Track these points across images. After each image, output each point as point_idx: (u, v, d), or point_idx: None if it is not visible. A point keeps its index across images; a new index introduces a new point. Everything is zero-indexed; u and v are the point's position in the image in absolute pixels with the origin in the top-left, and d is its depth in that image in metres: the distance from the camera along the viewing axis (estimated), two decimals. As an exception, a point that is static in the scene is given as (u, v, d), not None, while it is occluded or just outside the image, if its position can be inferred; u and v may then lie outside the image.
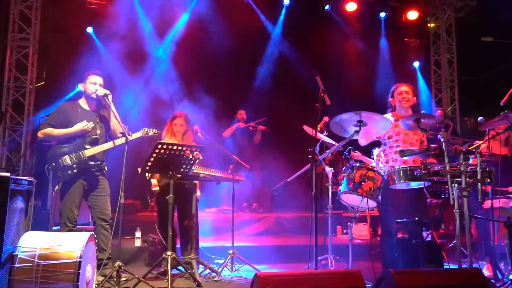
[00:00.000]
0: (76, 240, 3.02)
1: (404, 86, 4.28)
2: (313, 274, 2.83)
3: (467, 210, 3.50)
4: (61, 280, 2.82)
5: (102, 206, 4.39)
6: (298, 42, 9.01)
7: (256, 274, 2.63)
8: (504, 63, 18.19)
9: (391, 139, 4.25)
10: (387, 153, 4.27)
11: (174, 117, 4.93)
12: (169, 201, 4.09)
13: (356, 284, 2.69)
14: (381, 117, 3.72)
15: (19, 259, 2.83)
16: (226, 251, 5.51)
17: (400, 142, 4.20)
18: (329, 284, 2.65)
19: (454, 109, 10.23)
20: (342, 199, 4.05)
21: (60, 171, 4.19)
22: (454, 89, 10.29)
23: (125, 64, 7.84)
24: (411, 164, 4.00)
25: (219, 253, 5.46)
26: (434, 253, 3.72)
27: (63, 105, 4.46)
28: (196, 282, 4.11)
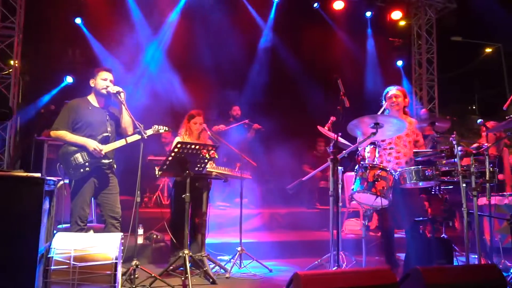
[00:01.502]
0: (110, 241, 3.02)
1: (395, 90, 4.41)
2: (349, 272, 2.95)
3: (476, 209, 3.71)
4: (98, 282, 2.82)
5: (113, 204, 4.36)
6: (288, 39, 9.11)
7: (297, 273, 2.72)
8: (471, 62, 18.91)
9: (384, 142, 4.39)
10: (381, 154, 4.42)
11: (192, 116, 4.93)
12: (186, 200, 4.11)
13: (389, 281, 2.83)
14: (397, 119, 3.86)
15: (55, 261, 2.80)
16: (228, 247, 5.60)
17: (393, 145, 4.34)
18: (364, 282, 2.77)
19: (434, 107, 10.62)
20: (354, 198, 4.18)
21: (72, 169, 4.12)
22: (434, 88, 10.68)
23: (117, 57, 7.71)
24: (403, 166, 4.20)
25: (220, 249, 5.52)
26: (445, 249, 3.92)
27: (73, 103, 4.36)
28: (211, 279, 4.17)
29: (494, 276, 3.05)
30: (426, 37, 10.72)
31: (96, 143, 4.16)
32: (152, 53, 8.00)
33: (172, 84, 7.81)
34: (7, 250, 2.62)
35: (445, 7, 10.72)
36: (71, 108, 4.29)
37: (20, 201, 2.69)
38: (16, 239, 2.64)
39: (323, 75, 9.06)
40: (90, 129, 4.26)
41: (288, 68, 8.94)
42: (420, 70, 10.74)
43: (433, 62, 10.71)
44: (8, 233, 2.63)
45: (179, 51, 8.08)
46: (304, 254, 5.82)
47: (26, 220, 2.68)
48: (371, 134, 3.82)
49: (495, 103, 22.02)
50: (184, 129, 4.98)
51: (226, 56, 8.22)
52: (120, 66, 7.60)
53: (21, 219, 2.67)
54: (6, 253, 2.61)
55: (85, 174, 4.17)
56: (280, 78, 8.86)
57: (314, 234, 6.89)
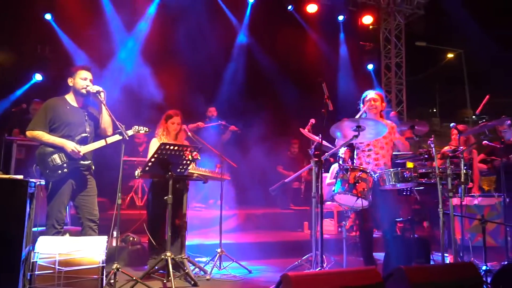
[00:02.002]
0: (95, 245, 2.95)
1: (373, 94, 4.52)
2: (337, 273, 3.01)
3: (452, 209, 3.86)
4: (85, 286, 2.75)
5: (91, 206, 4.25)
6: (263, 40, 9.16)
7: (286, 275, 2.75)
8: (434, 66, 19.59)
9: (362, 144, 4.49)
10: (360, 156, 4.52)
11: (170, 116, 4.86)
12: (168, 202, 4.08)
13: (375, 280, 2.90)
14: (378, 122, 3.96)
15: (39, 266, 2.72)
16: (205, 249, 5.58)
17: (371, 147, 4.44)
18: (353, 282, 2.84)
19: (402, 110, 10.93)
20: (335, 199, 4.25)
21: (50, 170, 3.99)
22: (402, 91, 11.01)
23: (90, 54, 7.54)
24: (381, 167, 4.32)
25: (197, 250, 5.48)
26: (423, 248, 4.06)
27: (50, 102, 4.21)
28: (192, 281, 4.14)
29: (472, 273, 3.19)
30: (395, 41, 11.03)
31: (74, 144, 4.05)
32: (126, 50, 7.84)
33: (147, 83, 7.69)
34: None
35: (413, 13, 11.07)
36: (49, 108, 4.15)
37: (3, 203, 2.59)
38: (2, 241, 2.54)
39: (298, 77, 9.21)
40: (68, 130, 4.14)
41: (263, 69, 9.00)
42: (389, 74, 11.04)
43: (401, 66, 11.03)
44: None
45: (154, 49, 7.98)
46: (281, 255, 5.87)
47: (10, 222, 2.59)
48: (353, 136, 3.90)
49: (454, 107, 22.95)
50: (162, 130, 4.91)
51: (201, 56, 8.19)
52: (92, 63, 7.42)
53: (4, 222, 2.58)
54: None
55: (63, 176, 4.05)
56: (255, 79, 8.90)
57: (290, 234, 6.96)
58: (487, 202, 5.10)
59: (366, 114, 4.55)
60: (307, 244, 6.25)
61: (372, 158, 4.34)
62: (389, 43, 11.08)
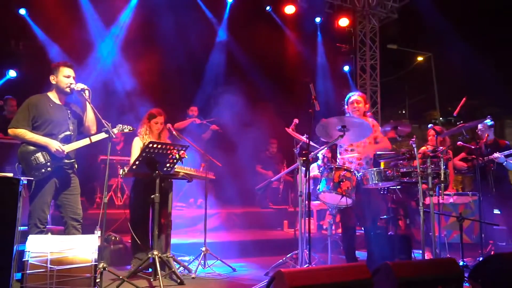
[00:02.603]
0: (87, 243, 2.93)
1: (356, 96, 4.66)
2: (328, 269, 3.08)
3: (433, 208, 4.01)
4: (77, 285, 2.73)
5: (74, 205, 4.19)
6: (242, 40, 9.20)
7: (280, 271, 2.81)
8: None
9: (345, 143, 4.61)
10: (344, 155, 4.64)
11: (153, 115, 4.82)
12: (155, 200, 4.07)
13: (364, 276, 3.00)
14: (362, 122, 4.07)
15: (30, 265, 2.68)
16: (187, 247, 5.58)
17: (354, 147, 4.56)
18: (343, 277, 2.92)
19: (377, 111, 11.20)
20: (320, 197, 4.34)
21: (33, 169, 3.91)
22: (377, 93, 11.27)
23: (66, 50, 7.39)
24: (364, 166, 4.45)
25: (179, 249, 5.47)
26: (405, 245, 4.20)
27: (33, 99, 4.12)
28: (178, 279, 4.15)
29: (454, 269, 3.33)
30: (370, 44, 11.28)
31: (59, 144, 3.98)
32: (105, 47, 7.72)
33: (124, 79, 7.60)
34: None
35: (387, 16, 11.36)
36: (31, 105, 4.06)
37: (1, 201, 2.55)
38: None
39: (276, 77, 9.29)
40: (51, 128, 4.07)
41: (243, 69, 9.04)
42: (364, 76, 11.28)
43: (376, 68, 11.29)
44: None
45: (132, 45, 7.89)
46: (263, 253, 5.92)
47: (1, 221, 2.54)
48: (339, 136, 4.00)
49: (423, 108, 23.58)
50: (144, 129, 4.87)
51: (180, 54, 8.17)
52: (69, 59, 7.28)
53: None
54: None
55: (46, 175, 3.98)
56: (234, 78, 8.91)
57: (270, 233, 7.03)
58: (461, 201, 5.32)
59: (349, 115, 4.66)
60: (288, 242, 6.37)
61: (355, 158, 4.45)
62: (364, 45, 11.31)
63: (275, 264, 4.77)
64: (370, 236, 4.23)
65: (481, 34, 13.46)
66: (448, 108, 21.80)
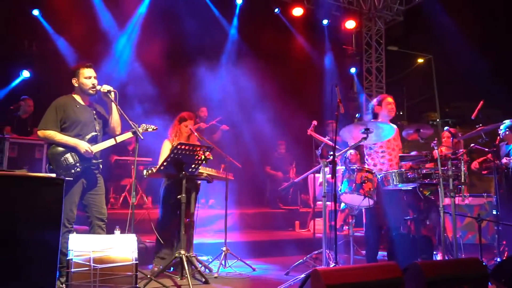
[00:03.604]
0: (127, 242, 3.00)
1: (391, 98, 4.76)
2: (360, 268, 3.17)
3: (454, 209, 4.10)
4: (120, 283, 2.79)
5: (100, 205, 4.25)
6: (251, 41, 9.27)
7: (316, 270, 2.89)
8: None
9: (376, 145, 4.71)
10: (374, 157, 4.73)
11: (183, 118, 4.88)
12: (182, 201, 4.14)
13: (395, 275, 3.08)
14: (386, 124, 4.15)
15: (74, 263, 2.74)
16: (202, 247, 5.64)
17: (384, 148, 4.68)
18: (376, 276, 3.00)
19: (382, 113, 11.29)
20: (341, 198, 4.42)
21: (63, 170, 3.96)
22: (382, 95, 11.36)
23: (79, 51, 7.44)
24: (395, 167, 4.54)
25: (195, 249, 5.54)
26: (427, 245, 4.29)
27: (60, 101, 4.16)
28: (203, 279, 4.21)
29: (479, 269, 3.42)
30: (375, 46, 11.38)
31: (88, 145, 4.04)
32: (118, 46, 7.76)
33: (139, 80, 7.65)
34: (31, 252, 2.53)
35: (393, 19, 11.46)
36: (59, 107, 4.11)
37: (43, 202, 2.61)
38: (39, 240, 2.56)
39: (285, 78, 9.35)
40: (79, 129, 4.13)
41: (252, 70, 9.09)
42: (370, 77, 11.38)
43: (381, 70, 11.40)
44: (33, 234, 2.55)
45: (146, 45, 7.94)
46: (278, 253, 6.02)
47: (48, 222, 2.61)
48: (362, 139, 4.09)
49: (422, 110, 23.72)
50: (174, 131, 4.93)
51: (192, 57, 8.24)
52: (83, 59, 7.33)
53: (44, 221, 2.60)
54: (30, 255, 2.53)
55: (75, 175, 4.03)
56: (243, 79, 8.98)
57: (283, 233, 7.11)
58: (477, 202, 5.41)
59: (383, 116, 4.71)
60: (301, 242, 6.47)
61: (386, 159, 4.54)
62: (370, 47, 11.41)
63: (295, 264, 4.83)
64: (392, 236, 4.31)
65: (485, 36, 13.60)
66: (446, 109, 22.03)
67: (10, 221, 2.56)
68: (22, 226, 2.57)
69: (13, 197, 2.60)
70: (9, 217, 2.57)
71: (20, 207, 2.58)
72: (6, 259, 2.49)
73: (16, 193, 2.60)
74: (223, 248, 4.99)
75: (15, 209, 2.57)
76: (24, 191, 2.58)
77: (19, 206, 2.59)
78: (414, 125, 4.37)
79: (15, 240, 2.53)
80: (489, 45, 15.60)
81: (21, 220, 2.58)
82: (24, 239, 2.54)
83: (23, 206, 2.56)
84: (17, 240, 2.54)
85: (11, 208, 2.57)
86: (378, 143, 4.65)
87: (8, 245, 2.51)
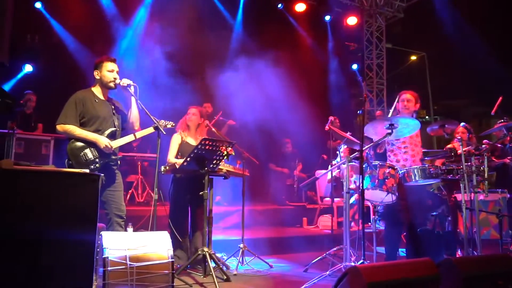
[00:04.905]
0: (161, 240, 2.92)
1: (407, 94, 4.69)
2: (396, 264, 3.13)
3: (477, 205, 4.09)
4: (157, 281, 2.71)
5: (118, 201, 4.15)
6: (255, 37, 9.20)
7: (355, 267, 2.84)
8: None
9: (398, 141, 4.67)
10: (396, 153, 4.68)
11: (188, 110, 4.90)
12: (204, 197, 4.07)
13: (432, 272, 3.05)
14: (411, 119, 4.12)
15: (111, 262, 2.65)
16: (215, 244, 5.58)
17: (407, 144, 4.63)
18: (413, 273, 2.97)
19: (383, 109, 11.31)
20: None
21: (82, 166, 3.86)
22: (383, 91, 11.39)
23: (84, 44, 7.29)
24: (418, 163, 4.51)
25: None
26: (451, 242, 4.28)
27: (79, 95, 4.05)
28: (225, 276, 4.15)
29: (508, 264, 3.41)
30: (376, 43, 11.39)
31: (108, 140, 3.95)
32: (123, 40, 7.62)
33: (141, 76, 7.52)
34: (67, 252, 2.44)
35: (394, 16, 11.47)
36: (78, 101, 4.00)
37: (81, 198, 2.51)
38: (75, 240, 2.46)
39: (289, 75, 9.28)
40: (98, 124, 4.04)
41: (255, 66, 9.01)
42: (371, 74, 11.38)
43: (382, 67, 11.41)
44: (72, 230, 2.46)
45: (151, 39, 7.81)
46: (290, 250, 5.98)
47: (85, 217, 2.52)
48: (387, 134, 4.05)
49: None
50: (182, 125, 4.91)
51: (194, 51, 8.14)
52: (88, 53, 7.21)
53: (82, 216, 2.50)
54: (66, 255, 2.43)
55: (94, 171, 3.93)
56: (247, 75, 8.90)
57: (292, 230, 7.08)
58: (491, 198, 5.42)
59: (401, 113, 4.68)
60: (311, 239, 6.45)
61: (409, 155, 4.50)
62: (370, 44, 11.41)
63: (314, 261, 4.78)
64: (416, 233, 4.29)
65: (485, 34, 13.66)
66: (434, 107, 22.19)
67: (43, 220, 2.46)
68: (56, 225, 2.47)
69: (47, 194, 2.48)
70: (42, 216, 2.46)
71: (55, 206, 2.47)
72: (41, 260, 2.38)
73: (51, 190, 2.49)
74: (241, 245, 4.93)
75: (49, 208, 2.46)
76: (58, 188, 2.47)
77: (53, 205, 2.48)
78: (439, 121, 4.34)
79: (49, 240, 2.42)
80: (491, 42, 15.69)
81: (55, 218, 2.48)
82: (59, 238, 2.44)
83: (58, 204, 2.45)
84: (52, 240, 2.43)
85: (45, 207, 2.46)
86: (401, 139, 4.61)
87: (43, 246, 2.41)
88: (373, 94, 11.33)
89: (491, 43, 12.58)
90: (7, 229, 2.33)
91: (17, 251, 2.33)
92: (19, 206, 2.38)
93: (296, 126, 8.90)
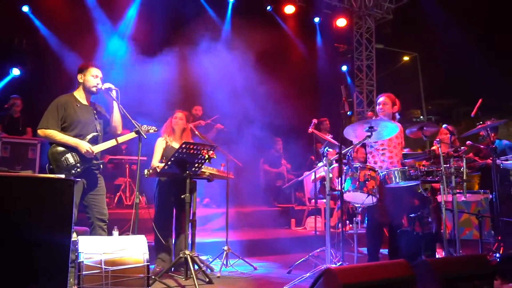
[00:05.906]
0: (137, 244, 2.94)
1: (383, 98, 4.74)
2: (372, 266, 3.17)
3: (456, 206, 4.14)
4: (132, 285, 2.74)
5: (100, 206, 4.18)
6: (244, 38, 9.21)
7: (329, 268, 2.87)
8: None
9: (377, 143, 4.72)
10: (375, 154, 4.74)
11: (174, 114, 4.91)
12: (186, 201, 4.09)
13: (407, 273, 3.09)
14: (390, 122, 4.17)
15: (85, 266, 2.68)
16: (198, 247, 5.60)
17: (385, 146, 4.68)
18: (387, 275, 3.00)
19: (373, 110, 11.36)
20: (344, 197, 4.41)
21: (63, 170, 3.88)
22: (373, 92, 11.44)
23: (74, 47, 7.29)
24: (395, 165, 4.56)
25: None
26: (430, 242, 4.32)
27: (61, 99, 4.07)
28: (207, 278, 4.17)
29: (486, 265, 3.46)
30: (366, 44, 11.45)
31: (89, 145, 3.97)
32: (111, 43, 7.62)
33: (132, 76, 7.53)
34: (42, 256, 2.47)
35: (383, 17, 11.54)
36: (60, 105, 4.03)
37: (57, 203, 2.54)
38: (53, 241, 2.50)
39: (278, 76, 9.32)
40: (79, 128, 4.06)
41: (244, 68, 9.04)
42: (361, 75, 11.44)
43: (372, 68, 11.47)
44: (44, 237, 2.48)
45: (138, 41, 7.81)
46: (276, 251, 5.99)
47: (59, 224, 2.54)
48: (366, 137, 4.09)
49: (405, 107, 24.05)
50: (167, 129, 4.91)
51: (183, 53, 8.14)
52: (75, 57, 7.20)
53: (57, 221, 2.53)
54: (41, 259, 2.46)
55: (75, 176, 3.95)
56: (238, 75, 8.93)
57: (279, 232, 7.09)
58: (474, 198, 5.48)
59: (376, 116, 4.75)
60: (298, 241, 6.46)
61: (386, 157, 4.55)
62: (360, 45, 11.47)
63: (297, 262, 4.81)
64: (395, 233, 4.33)
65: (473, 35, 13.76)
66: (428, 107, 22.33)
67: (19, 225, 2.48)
68: (32, 229, 2.49)
69: (21, 199, 2.51)
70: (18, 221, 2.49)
71: (30, 210, 2.50)
72: (15, 264, 2.41)
73: (25, 196, 2.52)
74: (225, 247, 4.96)
75: (24, 212, 2.49)
76: (34, 194, 2.49)
77: (28, 209, 2.50)
78: (418, 123, 4.39)
79: (25, 244, 2.45)
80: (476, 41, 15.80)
81: (31, 223, 2.50)
82: (35, 242, 2.46)
83: (32, 209, 2.48)
84: (27, 244, 2.46)
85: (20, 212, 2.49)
86: (379, 141, 4.66)
87: (18, 249, 2.43)
88: (363, 96, 11.40)
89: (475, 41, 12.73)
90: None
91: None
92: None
93: (285, 128, 8.94)
